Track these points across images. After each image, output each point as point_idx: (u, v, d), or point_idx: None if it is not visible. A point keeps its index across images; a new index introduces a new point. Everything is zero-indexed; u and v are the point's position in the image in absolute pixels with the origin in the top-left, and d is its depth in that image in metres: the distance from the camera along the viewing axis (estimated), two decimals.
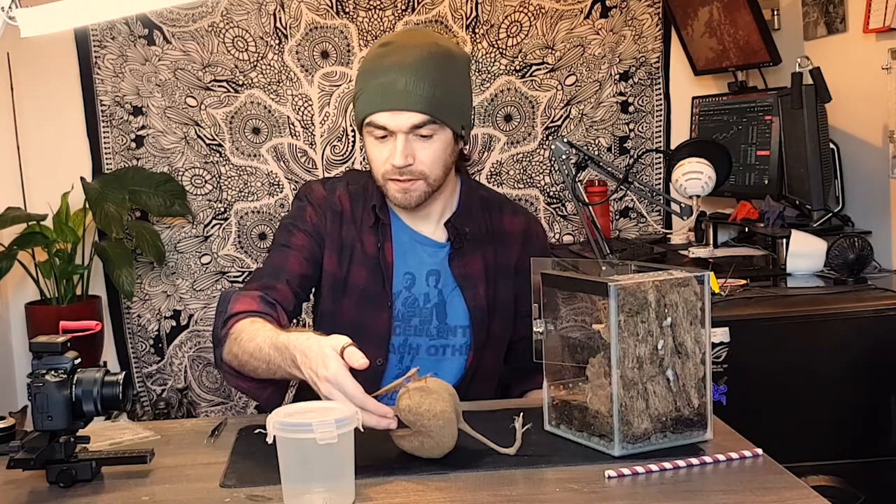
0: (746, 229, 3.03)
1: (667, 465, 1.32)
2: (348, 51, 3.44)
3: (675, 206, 2.25)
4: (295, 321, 1.80)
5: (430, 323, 1.81)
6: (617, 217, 3.57)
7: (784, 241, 2.61)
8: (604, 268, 1.53)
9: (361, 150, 3.43)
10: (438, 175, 1.75)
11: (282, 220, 1.90)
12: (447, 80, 1.72)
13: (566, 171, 2.18)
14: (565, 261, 1.52)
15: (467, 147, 1.86)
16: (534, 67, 3.48)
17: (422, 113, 1.68)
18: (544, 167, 3.54)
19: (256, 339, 1.56)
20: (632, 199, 3.58)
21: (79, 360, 1.40)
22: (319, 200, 1.85)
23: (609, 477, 1.30)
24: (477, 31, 3.46)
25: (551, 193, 3.55)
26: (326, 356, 1.38)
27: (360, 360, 1.36)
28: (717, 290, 1.45)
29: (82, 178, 3.26)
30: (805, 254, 2.53)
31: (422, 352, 1.81)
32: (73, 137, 3.41)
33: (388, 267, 1.80)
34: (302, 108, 3.44)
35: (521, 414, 1.43)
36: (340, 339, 1.41)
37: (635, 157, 3.48)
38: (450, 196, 1.85)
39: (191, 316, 3.50)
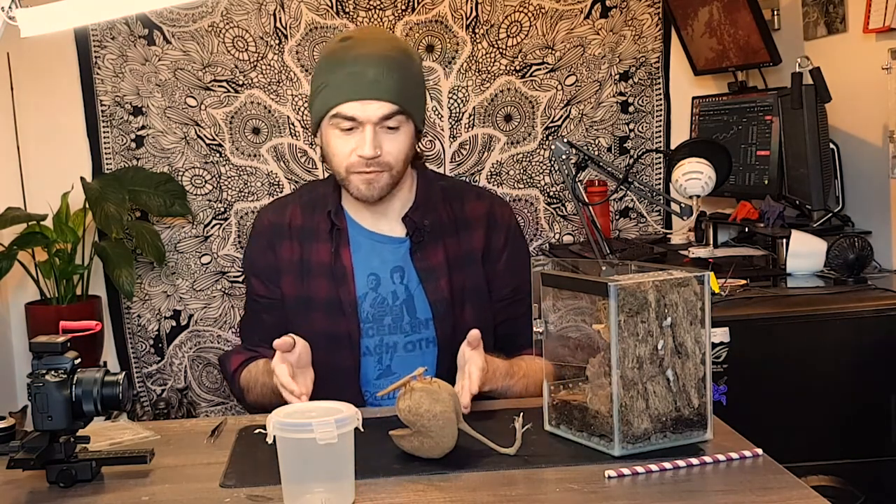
0: (746, 229, 3.03)
1: (667, 465, 1.32)
2: None
3: (675, 206, 2.26)
4: None
5: (402, 319, 1.81)
6: (617, 217, 3.57)
7: (784, 241, 2.61)
8: (604, 268, 1.53)
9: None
10: (401, 168, 1.76)
11: (242, 262, 1.95)
12: (411, 74, 1.74)
13: (566, 171, 2.18)
14: (565, 261, 1.52)
15: (420, 145, 1.86)
16: (534, 67, 3.48)
17: (392, 103, 1.69)
18: (544, 167, 3.53)
19: (259, 380, 1.78)
20: (632, 199, 3.58)
21: (79, 360, 1.40)
22: (266, 232, 1.88)
23: (609, 477, 1.30)
24: (477, 31, 3.45)
25: (551, 193, 3.55)
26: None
27: (281, 341, 1.58)
28: (717, 290, 1.45)
29: (82, 178, 3.26)
30: (805, 254, 2.53)
31: (399, 349, 1.81)
32: (73, 137, 3.41)
33: (345, 272, 1.80)
34: (302, 108, 3.44)
35: (521, 414, 1.43)
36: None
37: (635, 157, 3.48)
38: (408, 191, 1.85)
39: (191, 316, 3.50)
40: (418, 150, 1.86)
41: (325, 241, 1.83)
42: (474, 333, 1.60)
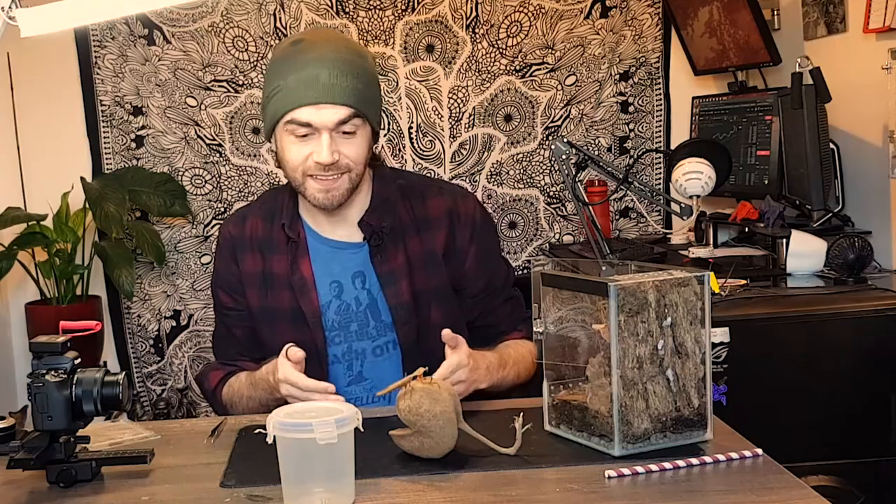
0: (746, 229, 3.03)
1: (667, 465, 1.32)
2: None
3: (675, 206, 2.26)
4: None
5: (367, 325, 1.78)
6: (617, 217, 3.57)
7: (784, 241, 2.61)
8: (604, 268, 1.53)
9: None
10: (360, 171, 1.73)
11: (212, 274, 1.96)
12: (366, 75, 1.70)
13: (566, 171, 2.18)
14: (565, 261, 1.52)
15: (378, 147, 1.83)
16: (534, 67, 3.48)
17: (347, 106, 1.65)
18: (544, 167, 3.53)
19: (244, 393, 1.78)
20: (632, 199, 3.58)
21: (79, 360, 1.40)
22: (228, 244, 1.86)
23: (609, 477, 1.30)
24: (477, 31, 3.45)
25: (551, 193, 3.55)
26: (276, 365, 1.62)
27: (295, 352, 1.61)
28: (717, 290, 1.45)
29: (82, 178, 3.26)
30: (805, 254, 2.53)
31: (368, 355, 1.79)
32: (73, 137, 3.41)
33: (305, 282, 1.78)
34: None
35: (521, 414, 1.43)
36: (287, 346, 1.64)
37: (635, 157, 3.48)
38: (364, 194, 1.81)
39: (191, 316, 3.50)
40: (375, 151, 1.82)
41: (284, 253, 1.80)
42: (447, 334, 1.58)
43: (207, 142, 3.44)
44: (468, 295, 1.83)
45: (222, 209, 3.47)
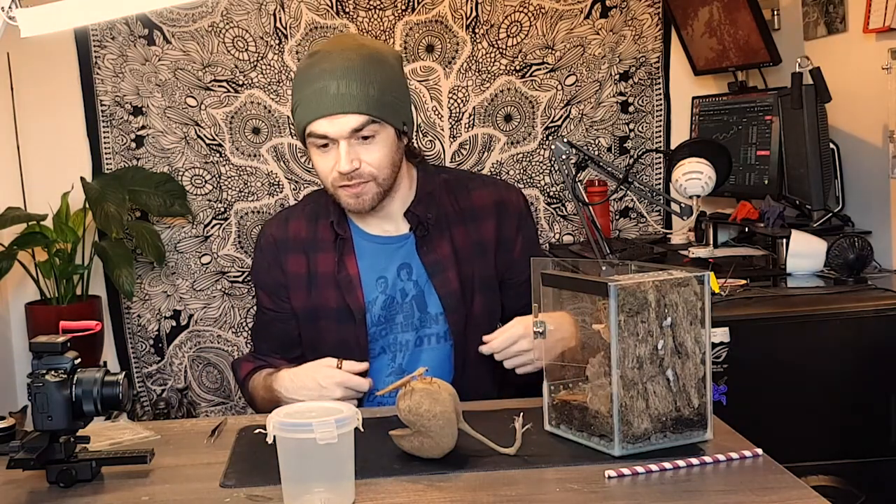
0: (746, 229, 3.03)
1: (667, 465, 1.33)
2: None
3: (675, 206, 2.25)
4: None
5: (413, 316, 1.81)
6: (617, 217, 3.57)
7: (784, 241, 2.61)
8: (604, 268, 1.53)
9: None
10: (387, 174, 1.75)
11: (250, 272, 1.97)
12: (380, 79, 1.70)
13: (566, 171, 2.18)
14: (565, 261, 1.52)
15: (412, 142, 1.85)
16: (534, 67, 3.48)
17: (358, 114, 1.68)
18: (544, 167, 3.53)
19: (258, 393, 1.83)
20: (632, 199, 3.58)
21: (79, 360, 1.40)
22: (269, 248, 1.88)
23: (609, 477, 1.30)
24: (477, 31, 3.45)
25: (551, 193, 3.55)
26: (325, 389, 1.66)
27: (359, 366, 1.68)
28: (717, 290, 1.45)
29: (82, 178, 3.26)
30: (805, 254, 2.53)
31: (411, 346, 1.82)
32: (73, 137, 3.41)
33: (351, 280, 1.80)
34: None
35: (521, 414, 1.43)
36: (326, 362, 1.70)
37: (635, 157, 3.48)
38: (408, 189, 1.84)
39: (191, 316, 3.50)
40: (412, 147, 1.84)
41: (331, 252, 1.83)
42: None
43: (207, 142, 3.44)
44: (516, 283, 1.86)
45: (222, 209, 3.47)
